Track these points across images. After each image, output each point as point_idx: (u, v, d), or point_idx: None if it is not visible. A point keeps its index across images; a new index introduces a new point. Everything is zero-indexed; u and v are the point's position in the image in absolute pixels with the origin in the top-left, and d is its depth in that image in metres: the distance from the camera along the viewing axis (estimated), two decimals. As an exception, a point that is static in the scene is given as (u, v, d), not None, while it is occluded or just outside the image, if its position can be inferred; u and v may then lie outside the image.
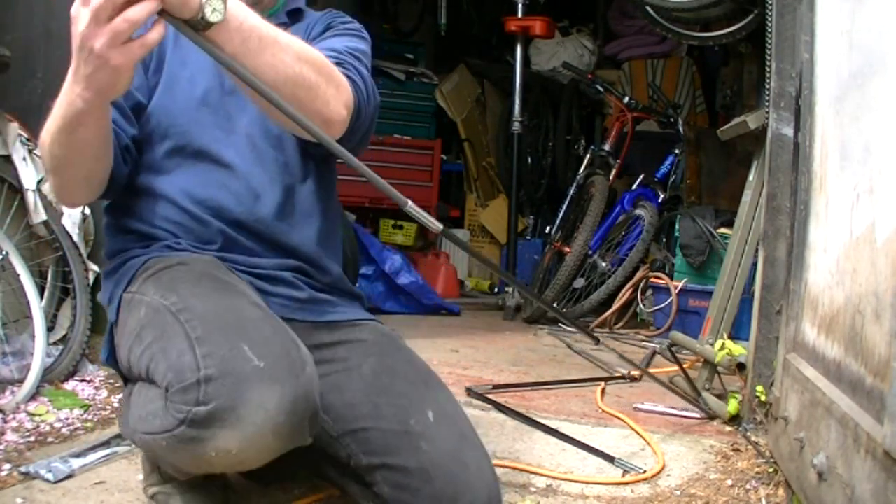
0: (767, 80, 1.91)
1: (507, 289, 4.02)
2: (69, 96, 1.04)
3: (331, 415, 1.23)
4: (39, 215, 2.14)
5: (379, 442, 1.21)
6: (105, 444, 1.63)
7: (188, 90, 1.35)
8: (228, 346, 1.04)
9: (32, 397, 1.87)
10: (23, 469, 1.47)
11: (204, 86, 1.36)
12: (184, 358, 1.04)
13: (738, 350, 1.98)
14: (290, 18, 1.45)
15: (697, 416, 1.99)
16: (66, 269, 2.21)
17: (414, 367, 1.34)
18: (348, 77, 1.23)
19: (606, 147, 4.06)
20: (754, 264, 2.14)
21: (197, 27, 0.96)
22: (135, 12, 0.92)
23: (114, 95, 1.05)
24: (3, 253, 2.03)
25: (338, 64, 1.22)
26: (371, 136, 1.37)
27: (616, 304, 3.51)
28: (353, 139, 1.27)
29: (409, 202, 1.05)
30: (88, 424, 1.79)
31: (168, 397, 1.04)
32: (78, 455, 1.55)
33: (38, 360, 1.93)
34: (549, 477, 1.59)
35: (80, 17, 0.94)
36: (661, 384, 2.30)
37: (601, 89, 4.10)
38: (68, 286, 2.22)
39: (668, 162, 3.94)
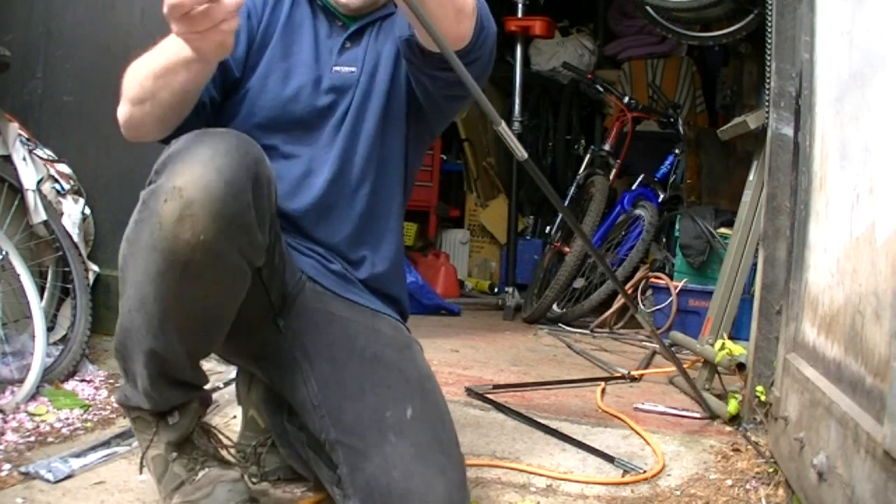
0: (767, 80, 1.91)
1: (507, 289, 4.02)
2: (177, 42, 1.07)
3: (320, 384, 1.26)
4: (39, 215, 2.14)
5: (350, 421, 1.22)
6: (105, 444, 1.63)
7: (280, 85, 1.37)
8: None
9: (32, 397, 1.87)
10: (23, 469, 1.47)
11: (298, 83, 1.37)
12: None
13: (738, 350, 1.98)
14: None
15: (697, 416, 1.99)
16: (66, 269, 2.21)
17: (415, 368, 1.35)
18: None
19: (606, 147, 4.06)
20: (754, 264, 2.14)
21: None
22: None
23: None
24: (3, 253, 2.03)
25: None
26: (488, 72, 1.36)
27: (616, 304, 3.51)
28: (476, 60, 1.26)
29: (503, 122, 1.17)
30: (88, 424, 1.79)
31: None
32: (78, 455, 1.55)
33: (38, 360, 1.93)
34: (549, 477, 1.58)
35: None
36: (673, 363, 2.28)
37: (601, 89, 4.09)
38: (68, 286, 2.22)
39: (668, 162, 3.94)
